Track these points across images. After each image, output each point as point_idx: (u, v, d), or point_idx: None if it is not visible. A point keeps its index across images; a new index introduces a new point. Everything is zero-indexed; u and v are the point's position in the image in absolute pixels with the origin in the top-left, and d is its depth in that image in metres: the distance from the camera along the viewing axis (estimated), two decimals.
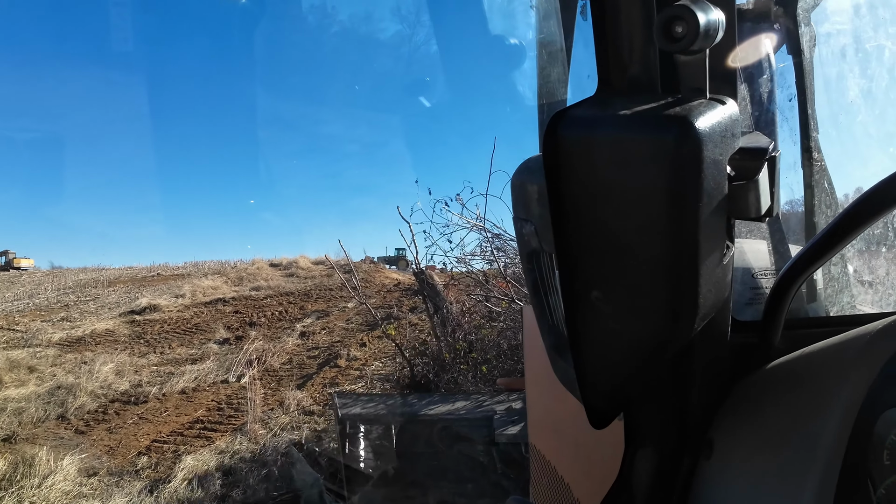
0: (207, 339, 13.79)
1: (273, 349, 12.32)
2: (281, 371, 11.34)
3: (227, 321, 15.00)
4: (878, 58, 1.31)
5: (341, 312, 14.67)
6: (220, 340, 13.53)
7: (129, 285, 20.58)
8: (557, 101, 1.47)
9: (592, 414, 0.71)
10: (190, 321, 15.28)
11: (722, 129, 0.57)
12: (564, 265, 0.63)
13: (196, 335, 14.18)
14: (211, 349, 12.94)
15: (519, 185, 0.77)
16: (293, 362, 11.78)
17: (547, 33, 1.50)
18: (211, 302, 16.72)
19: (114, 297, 18.34)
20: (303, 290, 17.29)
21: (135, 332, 14.52)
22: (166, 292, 18.01)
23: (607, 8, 0.62)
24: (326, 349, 12.10)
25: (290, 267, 20.80)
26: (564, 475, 1.67)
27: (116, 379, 11.09)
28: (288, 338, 13.15)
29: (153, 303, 16.47)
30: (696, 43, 0.55)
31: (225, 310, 16.05)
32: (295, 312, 15.32)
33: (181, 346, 13.46)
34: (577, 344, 0.66)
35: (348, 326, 13.45)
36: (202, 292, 17.57)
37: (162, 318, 15.56)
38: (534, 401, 2.00)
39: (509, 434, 4.96)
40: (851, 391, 0.62)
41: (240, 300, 16.83)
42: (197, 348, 13.20)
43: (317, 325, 14.02)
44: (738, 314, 0.87)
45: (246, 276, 19.59)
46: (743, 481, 0.76)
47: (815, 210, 1.22)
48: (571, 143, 0.59)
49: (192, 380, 10.98)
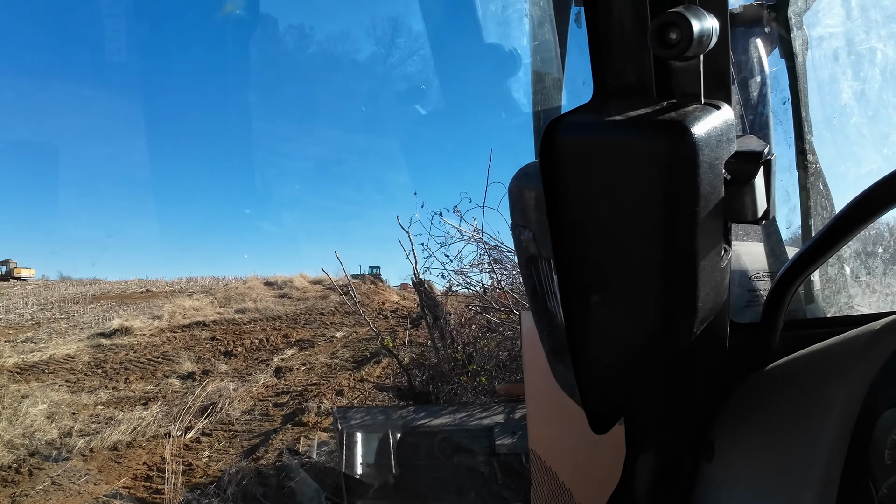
0: (172, 371, 12.17)
1: (237, 392, 10.56)
2: (237, 424, 9.45)
3: (199, 350, 13.48)
4: (870, 60, 1.32)
5: (328, 343, 13.11)
6: (184, 374, 11.88)
7: (113, 302, 19.33)
8: (553, 108, 1.48)
9: (593, 418, 0.71)
10: (159, 348, 13.78)
11: (717, 134, 0.57)
12: (562, 270, 0.63)
13: (161, 366, 12.59)
14: (170, 385, 11.30)
15: (516, 191, 0.78)
16: (255, 411, 9.95)
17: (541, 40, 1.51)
18: (189, 325, 15.39)
19: (90, 316, 17.03)
20: (292, 314, 16.01)
21: (95, 360, 13.04)
22: (145, 312, 16.77)
23: (601, 15, 0.63)
24: (298, 395, 10.25)
25: (285, 286, 19.67)
26: (566, 481, 1.66)
27: (46, 424, 9.34)
28: (261, 374, 11.54)
29: (126, 325, 15.11)
30: (690, 49, 0.55)
31: (201, 336, 14.62)
32: (277, 341, 13.88)
33: (139, 381, 11.82)
34: (577, 348, 0.66)
35: (332, 363, 11.66)
36: (182, 314, 16.37)
37: (131, 343, 14.16)
38: (534, 406, 1.99)
39: (510, 444, 4.94)
40: (851, 391, 0.62)
41: (220, 324, 15.44)
42: (156, 384, 11.50)
43: (297, 359, 12.36)
44: (737, 317, 0.87)
45: (234, 297, 18.40)
46: (745, 483, 0.76)
47: (811, 212, 1.22)
48: (568, 149, 0.59)
49: (130, 430, 9.11)
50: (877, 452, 0.60)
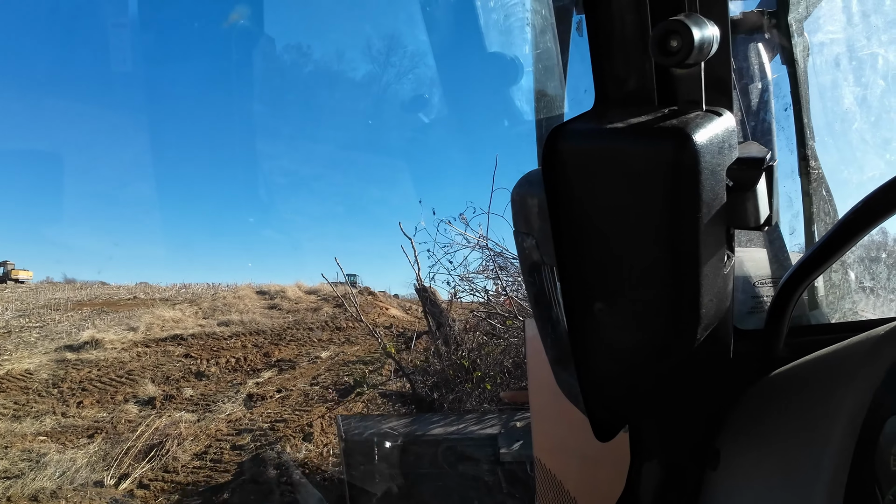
0: (132, 394, 10.69)
1: (193, 427, 8.87)
2: (183, 472, 7.63)
3: (168, 369, 12.12)
4: (871, 65, 1.32)
5: (310, 365, 11.63)
6: (143, 400, 10.38)
7: (97, 309, 18.02)
8: (555, 116, 1.48)
9: (597, 426, 0.71)
10: (125, 366, 12.34)
11: (719, 140, 0.57)
12: (566, 278, 0.63)
13: (122, 388, 11.11)
14: (125, 413, 9.77)
15: (519, 198, 0.78)
16: (208, 455, 8.05)
17: (543, 49, 1.52)
18: (165, 339, 14.05)
19: (66, 325, 15.72)
20: (278, 328, 14.69)
21: (54, 378, 11.65)
22: (122, 323, 15.37)
23: (602, 23, 0.63)
24: (262, 435, 8.49)
25: (277, 296, 18.33)
26: (570, 489, 1.65)
27: None
28: (228, 402, 10.01)
29: (97, 337, 13.69)
30: (691, 56, 0.56)
31: (175, 352, 13.24)
32: (256, 360, 12.55)
33: (93, 405, 10.28)
34: (580, 356, 0.66)
35: (310, 391, 10.10)
36: (161, 325, 14.97)
37: (98, 358, 12.68)
38: (538, 414, 1.99)
39: (514, 453, 4.92)
40: (856, 398, 0.62)
41: (199, 339, 14.06)
42: (110, 410, 9.96)
43: (273, 384, 10.89)
44: (740, 323, 0.87)
45: (221, 307, 16.98)
46: (750, 491, 0.75)
47: (814, 218, 1.22)
48: (570, 157, 0.60)
49: (57, 475, 7.42)
50: (882, 459, 0.60)
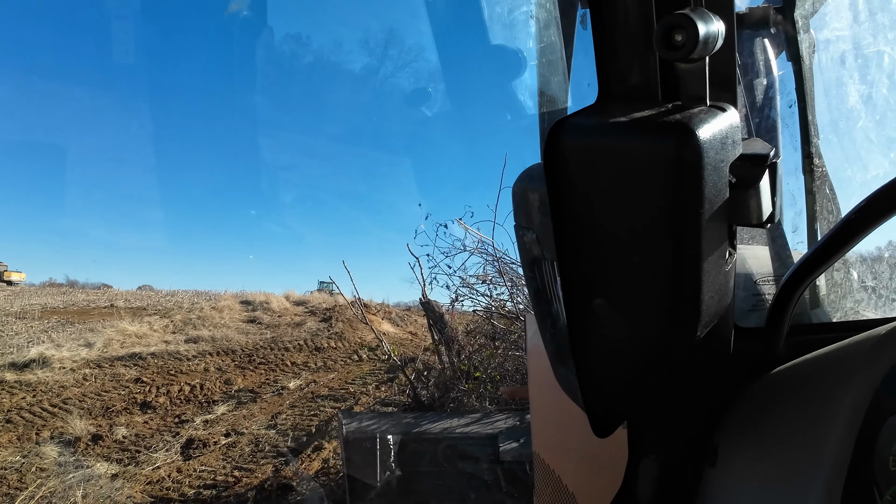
0: (58, 431, 9.04)
1: (101, 490, 6.90)
2: None
3: (111, 398, 10.66)
4: (877, 63, 1.31)
5: (274, 397, 10.47)
6: (68, 440, 8.69)
7: (63, 319, 16.86)
8: (558, 110, 1.47)
9: (595, 422, 0.71)
10: (64, 392, 10.91)
11: (722, 136, 0.57)
12: (566, 273, 0.63)
13: (51, 420, 9.56)
14: (41, 458, 7.98)
15: (520, 193, 0.78)
16: None
17: (547, 42, 1.51)
18: (122, 357, 12.81)
19: (22, 338, 14.40)
20: (250, 347, 13.50)
21: None
22: (81, 337, 14.18)
23: (607, 17, 0.62)
24: None
25: (260, 308, 17.38)
26: (569, 484, 1.65)
27: None
28: (162, 450, 8.30)
29: (45, 354, 12.38)
30: (695, 51, 0.55)
31: (125, 375, 11.83)
32: (214, 389, 11.14)
33: (10, 444, 8.65)
34: (579, 352, 0.66)
35: (266, 436, 8.59)
36: (121, 342, 13.81)
37: (38, 380, 11.38)
38: (537, 409, 1.99)
39: (514, 452, 4.93)
40: (856, 397, 0.62)
41: (158, 358, 12.83)
42: (25, 453, 8.20)
43: (225, 422, 9.40)
44: (741, 321, 0.87)
45: (194, 320, 15.86)
46: (748, 489, 0.75)
47: (817, 216, 1.22)
48: (572, 151, 0.59)
49: None
50: (881, 459, 0.59)
